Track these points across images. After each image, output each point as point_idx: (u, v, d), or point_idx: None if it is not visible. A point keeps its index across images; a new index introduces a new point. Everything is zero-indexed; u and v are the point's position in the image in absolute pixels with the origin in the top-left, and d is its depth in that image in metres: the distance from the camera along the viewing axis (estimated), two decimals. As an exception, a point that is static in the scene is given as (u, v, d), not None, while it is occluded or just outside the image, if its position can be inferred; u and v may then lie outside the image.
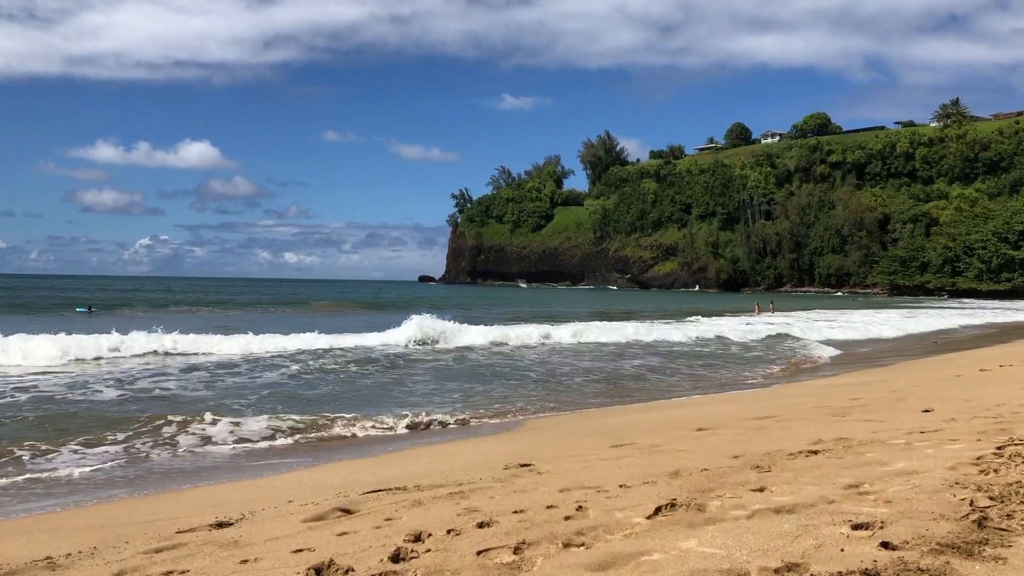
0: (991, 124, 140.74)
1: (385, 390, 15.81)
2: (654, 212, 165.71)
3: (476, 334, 27.31)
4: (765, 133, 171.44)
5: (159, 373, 17.10)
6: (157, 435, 10.59)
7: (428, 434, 11.33)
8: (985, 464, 5.93)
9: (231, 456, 9.77)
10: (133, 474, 8.72)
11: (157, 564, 4.65)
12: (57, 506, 7.24)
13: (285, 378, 16.84)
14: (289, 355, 21.27)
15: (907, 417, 9.48)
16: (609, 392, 16.29)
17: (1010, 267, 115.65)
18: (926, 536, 4.12)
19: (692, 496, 5.38)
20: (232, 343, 22.71)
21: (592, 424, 11.40)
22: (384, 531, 5.00)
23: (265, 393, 14.63)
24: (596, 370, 19.81)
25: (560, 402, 14.54)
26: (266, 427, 11.14)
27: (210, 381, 16.13)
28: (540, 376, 18.32)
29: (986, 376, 15.25)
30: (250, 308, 55.82)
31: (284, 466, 8.95)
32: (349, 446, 10.40)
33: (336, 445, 10.47)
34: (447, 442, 10.39)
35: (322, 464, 8.88)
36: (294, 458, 9.49)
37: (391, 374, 18.29)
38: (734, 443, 8.23)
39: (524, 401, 14.48)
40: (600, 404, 14.46)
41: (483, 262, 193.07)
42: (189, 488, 7.85)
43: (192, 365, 18.67)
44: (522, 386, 16.53)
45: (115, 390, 14.56)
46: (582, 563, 4.07)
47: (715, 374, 19.89)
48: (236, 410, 12.52)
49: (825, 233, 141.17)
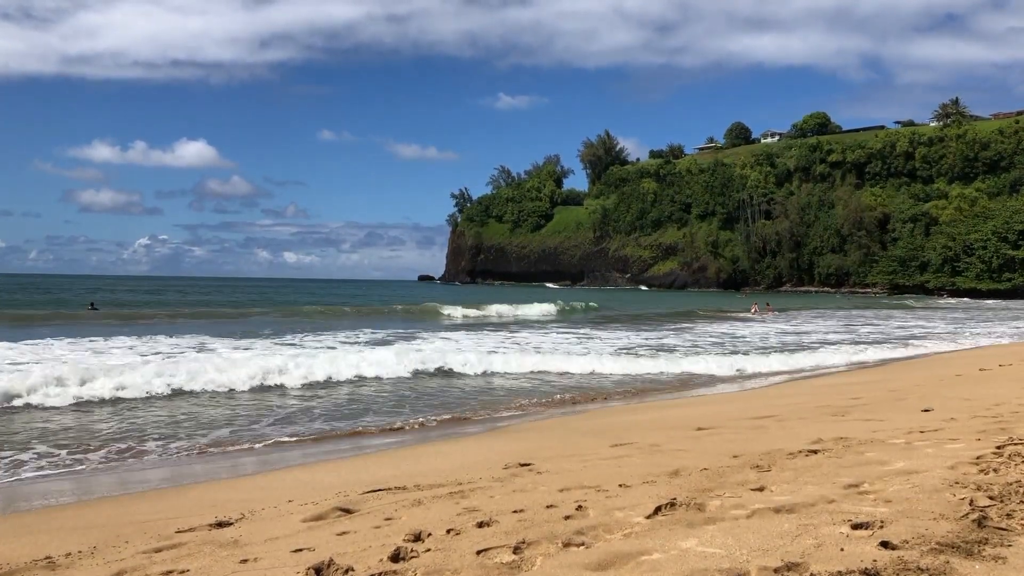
0: (991, 124, 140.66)
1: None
2: (654, 212, 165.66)
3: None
4: (765, 132, 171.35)
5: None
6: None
7: (426, 431, 11.33)
8: (985, 463, 5.93)
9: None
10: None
11: (157, 564, 4.65)
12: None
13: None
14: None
15: (907, 416, 9.48)
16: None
17: (1010, 267, 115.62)
18: (926, 535, 4.12)
19: (692, 495, 5.38)
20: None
21: (592, 423, 11.40)
22: (384, 531, 5.00)
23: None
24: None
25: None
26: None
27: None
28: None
29: (986, 375, 15.26)
30: (295, 316, 44.60)
31: (284, 465, 8.95)
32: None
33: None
34: (447, 441, 10.39)
35: (322, 463, 8.88)
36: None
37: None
38: (734, 443, 8.23)
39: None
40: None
41: (483, 261, 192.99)
42: (189, 487, 7.85)
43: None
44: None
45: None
46: (582, 563, 4.07)
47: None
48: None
49: (825, 233, 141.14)
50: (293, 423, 11.96)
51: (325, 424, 11.94)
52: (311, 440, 10.77)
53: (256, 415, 12.60)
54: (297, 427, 11.62)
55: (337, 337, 27.39)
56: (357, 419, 12.43)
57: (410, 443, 10.48)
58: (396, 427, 11.80)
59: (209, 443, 10.41)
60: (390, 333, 30.26)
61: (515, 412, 13.35)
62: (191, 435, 10.88)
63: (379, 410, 13.36)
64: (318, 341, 25.55)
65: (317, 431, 11.38)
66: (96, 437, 10.62)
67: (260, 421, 12.07)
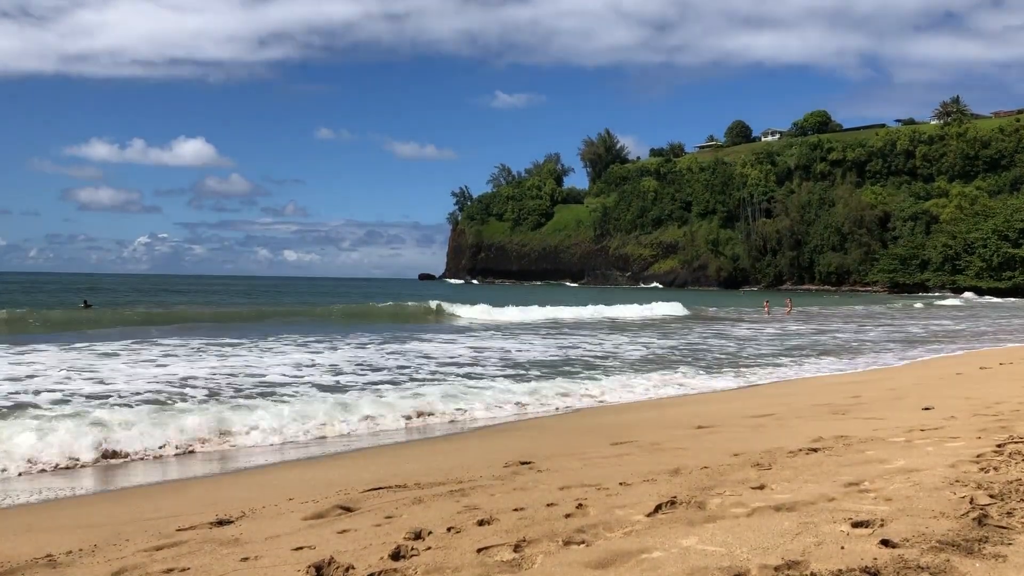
0: (991, 122, 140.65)
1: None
2: (654, 210, 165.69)
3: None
4: (765, 131, 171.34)
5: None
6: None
7: (428, 430, 11.33)
8: (985, 462, 5.94)
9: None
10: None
11: (158, 562, 4.65)
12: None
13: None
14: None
15: (907, 415, 9.48)
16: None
17: (1011, 265, 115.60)
18: (926, 534, 4.13)
19: (692, 494, 5.38)
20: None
21: (592, 422, 11.40)
22: (384, 529, 5.00)
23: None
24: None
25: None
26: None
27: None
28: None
29: (986, 374, 15.26)
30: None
31: (285, 463, 8.95)
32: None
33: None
34: (447, 439, 10.39)
35: (322, 461, 8.88)
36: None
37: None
38: (734, 441, 8.24)
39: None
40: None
41: (483, 260, 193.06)
42: (190, 485, 7.85)
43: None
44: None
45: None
46: (582, 561, 4.07)
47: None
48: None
49: (825, 231, 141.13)
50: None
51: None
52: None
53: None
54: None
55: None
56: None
57: (411, 441, 10.49)
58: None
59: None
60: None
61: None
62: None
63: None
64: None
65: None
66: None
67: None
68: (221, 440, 10.02)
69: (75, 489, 7.91)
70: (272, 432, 10.39)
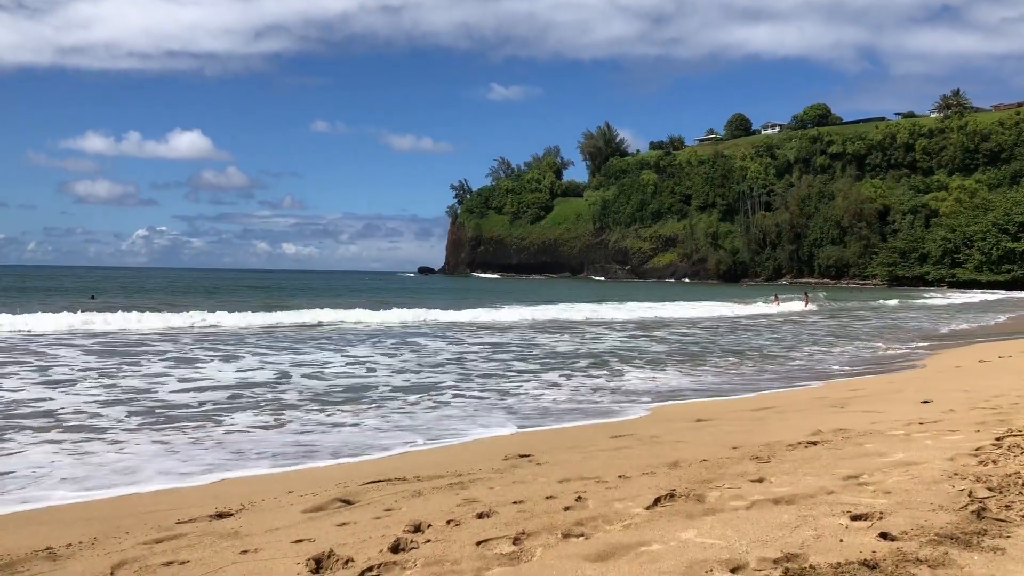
0: (991, 115, 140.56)
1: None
2: (654, 203, 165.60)
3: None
4: (765, 124, 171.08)
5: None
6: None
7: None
8: (984, 455, 5.94)
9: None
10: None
11: (157, 554, 4.65)
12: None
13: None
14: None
15: (906, 408, 9.49)
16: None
17: (1010, 258, 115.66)
18: (925, 527, 4.13)
19: (691, 487, 5.39)
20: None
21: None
22: (384, 521, 5.01)
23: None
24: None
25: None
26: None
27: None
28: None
29: (985, 367, 15.27)
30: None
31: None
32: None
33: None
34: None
35: (321, 457, 8.87)
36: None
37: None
38: (733, 434, 8.24)
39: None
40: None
41: (482, 253, 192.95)
42: (189, 479, 7.85)
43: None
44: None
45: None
46: (581, 553, 4.08)
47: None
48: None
49: (825, 224, 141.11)
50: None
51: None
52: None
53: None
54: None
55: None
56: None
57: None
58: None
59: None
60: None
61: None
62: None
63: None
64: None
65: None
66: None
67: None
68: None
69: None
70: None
